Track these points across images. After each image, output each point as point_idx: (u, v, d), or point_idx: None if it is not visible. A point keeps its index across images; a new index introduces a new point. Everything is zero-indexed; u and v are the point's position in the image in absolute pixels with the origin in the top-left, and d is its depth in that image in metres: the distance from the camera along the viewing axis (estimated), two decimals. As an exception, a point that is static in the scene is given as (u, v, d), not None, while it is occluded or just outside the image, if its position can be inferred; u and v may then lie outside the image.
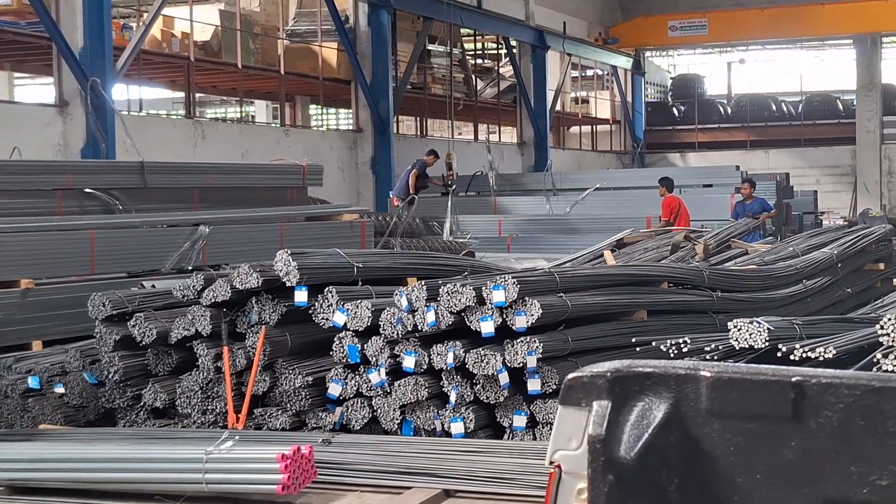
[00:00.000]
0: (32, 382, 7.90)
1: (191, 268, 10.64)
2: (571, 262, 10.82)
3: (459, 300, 6.87)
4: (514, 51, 31.52)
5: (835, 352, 6.05)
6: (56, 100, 17.37)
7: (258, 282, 7.33)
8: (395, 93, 24.94)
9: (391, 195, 22.02)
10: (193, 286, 7.66)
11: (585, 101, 38.83)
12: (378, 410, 7.02)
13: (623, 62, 38.42)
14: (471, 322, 6.91)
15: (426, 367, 6.94)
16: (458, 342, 6.85)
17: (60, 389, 7.85)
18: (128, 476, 5.94)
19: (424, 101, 27.87)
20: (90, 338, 8.09)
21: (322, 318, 7.29)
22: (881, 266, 12.38)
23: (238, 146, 21.16)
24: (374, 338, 7.09)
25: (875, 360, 6.04)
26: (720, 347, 6.39)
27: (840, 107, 39.25)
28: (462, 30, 29.96)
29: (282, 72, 23.23)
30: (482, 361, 6.75)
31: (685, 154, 39.47)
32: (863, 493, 1.75)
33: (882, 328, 6.15)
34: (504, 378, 6.77)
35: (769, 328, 6.23)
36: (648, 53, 41.27)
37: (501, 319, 6.87)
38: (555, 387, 6.83)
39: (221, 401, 7.32)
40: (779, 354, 6.11)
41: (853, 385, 1.68)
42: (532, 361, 6.75)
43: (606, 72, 39.27)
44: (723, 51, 43.88)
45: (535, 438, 6.85)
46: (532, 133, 31.84)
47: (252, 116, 32.18)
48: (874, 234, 12.27)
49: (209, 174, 12.47)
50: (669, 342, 6.49)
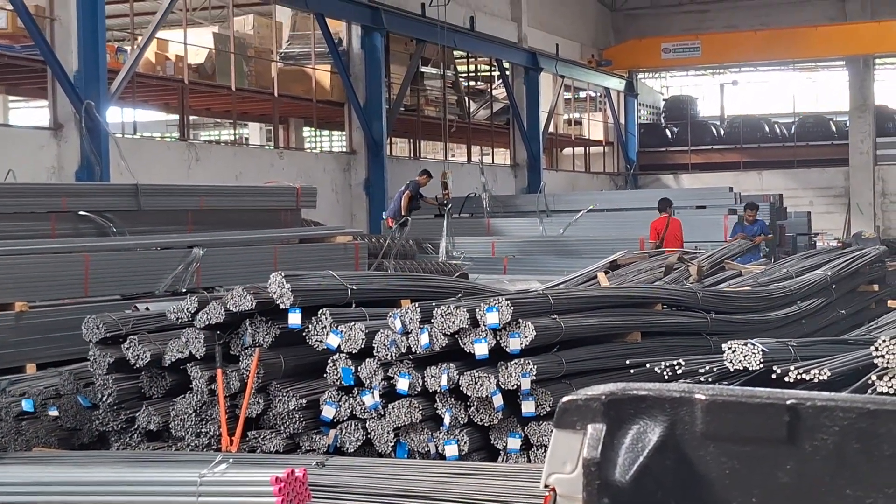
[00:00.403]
0: (26, 405, 7.88)
1: (185, 290, 10.64)
2: (565, 284, 10.83)
3: (453, 322, 6.87)
4: (507, 73, 31.59)
5: (829, 374, 6.04)
6: (50, 123, 17.38)
7: (252, 304, 7.32)
8: (389, 115, 24.98)
9: (384, 216, 22.02)
10: (187, 309, 7.66)
11: (578, 123, 38.89)
12: (372, 433, 7.01)
13: (616, 84, 38.51)
14: (465, 344, 6.91)
15: (420, 390, 6.93)
16: (452, 364, 6.85)
17: (54, 412, 7.83)
18: (122, 500, 5.92)
19: (418, 123, 27.91)
20: (84, 360, 8.08)
21: (316, 341, 7.28)
22: (875, 287, 12.39)
23: (232, 168, 21.17)
24: (368, 360, 7.08)
25: (870, 382, 6.02)
26: (714, 369, 6.39)
27: (833, 128, 39.32)
28: (455, 52, 30.02)
29: (275, 94, 23.26)
30: (476, 383, 6.74)
31: (678, 175, 39.52)
32: (858, 516, 1.75)
33: (877, 350, 6.14)
34: (498, 400, 6.76)
35: (763, 350, 6.23)
36: (641, 75, 41.37)
37: (495, 341, 6.86)
38: (549, 409, 6.83)
39: (215, 423, 7.30)
40: (773, 376, 6.10)
41: (848, 408, 1.68)
42: (526, 383, 6.75)
43: (599, 93, 39.35)
44: (715, 72, 43.98)
45: (530, 461, 6.83)
46: (525, 154, 31.89)
47: (246, 139, 32.19)
48: (868, 256, 12.28)
49: (203, 196, 12.46)
50: (664, 364, 6.49)
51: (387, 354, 7.03)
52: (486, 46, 30.28)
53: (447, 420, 6.85)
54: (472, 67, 34.46)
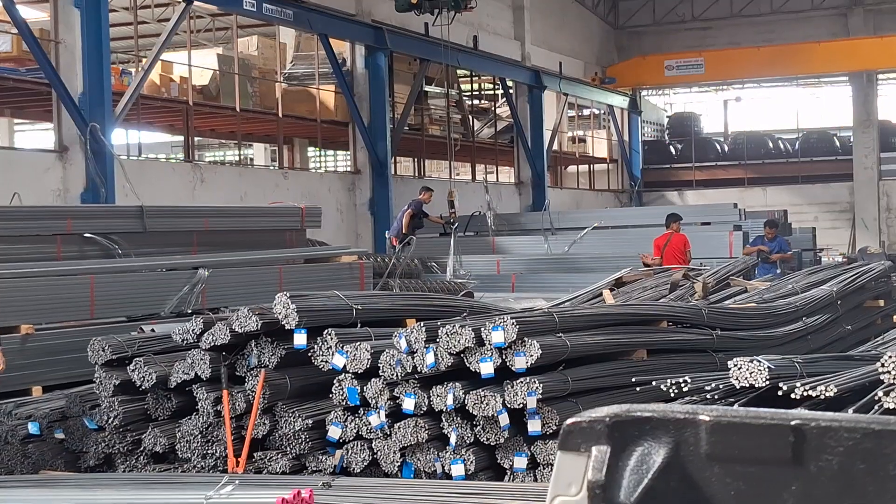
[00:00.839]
0: (32, 428, 7.89)
1: (190, 311, 10.64)
2: (570, 302, 10.82)
3: (458, 341, 6.86)
4: (511, 91, 31.64)
5: (836, 390, 6.03)
6: (56, 145, 17.42)
7: (257, 325, 7.32)
8: (393, 134, 25.02)
9: (388, 235, 22.03)
10: (193, 330, 7.66)
11: (582, 141, 38.91)
12: (378, 453, 7.01)
13: (619, 101, 38.55)
14: (470, 363, 6.90)
15: (426, 409, 6.93)
16: (458, 383, 6.84)
17: (60, 435, 7.83)
18: (128, 522, 5.92)
19: (422, 142, 27.95)
20: (90, 383, 8.08)
21: (321, 361, 7.28)
22: (881, 303, 12.37)
23: (237, 189, 21.20)
24: (374, 380, 7.08)
25: (876, 398, 6.01)
26: (721, 386, 6.38)
27: (837, 143, 39.30)
28: (459, 71, 30.07)
29: (280, 115, 23.30)
30: (482, 403, 6.73)
31: (683, 192, 39.50)
32: (865, 537, 1.75)
33: (883, 366, 6.13)
34: (504, 419, 6.75)
35: (769, 367, 6.22)
36: (645, 92, 41.40)
37: (501, 360, 6.86)
38: (555, 427, 6.82)
39: (221, 444, 7.30)
40: (779, 393, 6.09)
41: (852, 428, 1.68)
42: (532, 402, 6.74)
43: (603, 111, 39.38)
44: (719, 89, 44.00)
45: (536, 480, 6.82)
46: (530, 173, 31.90)
47: (251, 159, 32.25)
48: (873, 271, 12.27)
49: (208, 217, 12.49)
50: (670, 381, 6.48)
51: (392, 374, 7.03)
52: (490, 65, 30.33)
53: (453, 439, 6.84)
54: (476, 86, 34.50)
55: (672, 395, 6.50)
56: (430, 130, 28.62)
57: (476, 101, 33.90)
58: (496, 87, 33.60)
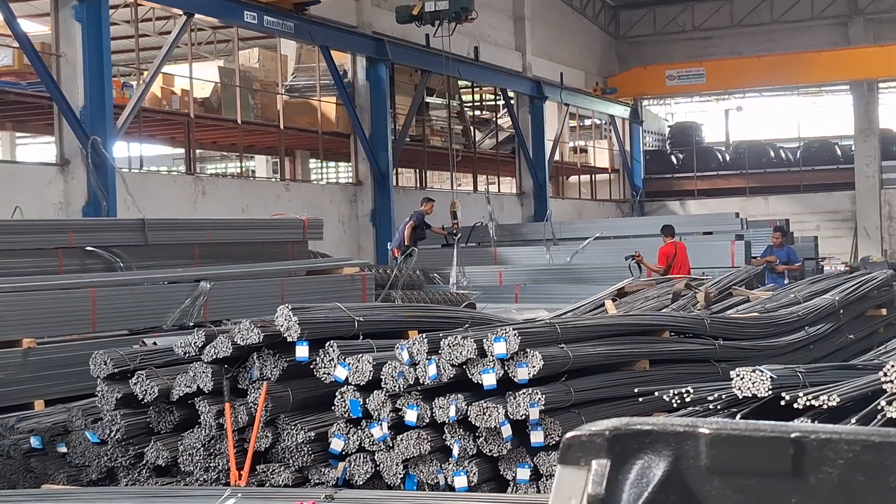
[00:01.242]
0: (35, 442, 7.88)
1: (192, 324, 10.64)
2: (573, 313, 10.81)
3: (461, 353, 6.86)
4: (512, 102, 31.67)
5: (838, 399, 6.02)
6: (57, 158, 17.45)
7: (259, 337, 7.32)
8: (395, 145, 25.04)
9: (390, 247, 22.04)
10: (195, 343, 7.65)
11: (584, 151, 38.96)
12: (381, 465, 7.00)
13: (621, 111, 38.60)
14: (472, 374, 6.89)
15: (428, 421, 6.92)
16: (460, 395, 6.84)
17: (63, 449, 7.82)
18: (130, 536, 5.91)
19: (423, 154, 27.97)
20: (92, 396, 8.07)
21: (323, 373, 7.27)
22: (883, 312, 12.36)
23: (238, 201, 21.22)
24: (376, 392, 7.07)
25: (879, 408, 6.01)
26: (723, 396, 6.37)
27: (838, 152, 39.33)
28: (460, 82, 30.11)
29: (281, 127, 23.34)
30: (484, 414, 6.73)
31: (684, 202, 39.53)
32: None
33: (886, 375, 6.13)
34: (507, 430, 6.74)
35: (772, 376, 6.21)
36: (646, 102, 41.45)
37: (503, 371, 6.85)
38: (558, 439, 6.80)
39: (224, 458, 7.29)
40: (782, 403, 6.08)
41: (853, 440, 1.67)
42: (534, 413, 6.73)
43: (604, 121, 39.42)
44: (720, 98, 44.06)
45: (539, 491, 6.80)
46: (531, 183, 31.92)
47: (252, 171, 32.29)
48: (876, 280, 12.25)
49: (210, 230, 12.49)
50: (672, 392, 6.47)
51: (395, 386, 7.02)
52: (491, 76, 30.38)
53: (456, 451, 6.83)
54: (477, 97, 34.56)
55: (675, 406, 6.49)
56: (432, 141, 28.65)
57: (477, 112, 33.95)
58: (497, 98, 33.65)
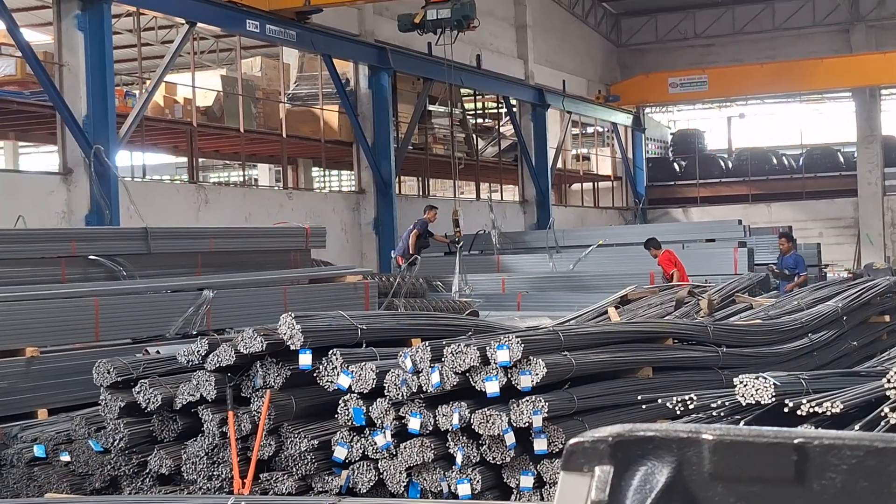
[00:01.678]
0: (38, 451, 7.89)
1: (195, 333, 10.64)
2: (576, 320, 10.81)
3: (464, 360, 6.86)
4: (515, 109, 31.68)
5: (842, 406, 6.02)
6: (60, 168, 17.46)
7: (262, 346, 7.32)
8: (397, 153, 25.05)
9: (393, 255, 22.04)
10: (198, 351, 7.66)
11: (586, 158, 38.95)
12: (384, 473, 7.00)
13: (623, 119, 38.61)
14: (475, 382, 6.90)
15: (432, 429, 6.92)
16: (464, 403, 6.84)
17: (66, 458, 7.83)
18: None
19: (426, 161, 27.98)
20: (95, 405, 8.08)
21: (327, 381, 7.28)
22: (887, 318, 12.34)
23: (241, 210, 21.23)
24: (379, 400, 7.07)
25: (882, 414, 6.00)
26: (727, 403, 6.37)
27: (841, 159, 39.31)
28: (462, 90, 30.12)
29: (284, 135, 23.34)
30: (488, 422, 6.73)
31: (687, 209, 39.52)
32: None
33: (889, 381, 6.13)
34: (510, 438, 6.74)
35: (775, 383, 6.22)
36: (648, 109, 41.47)
37: (506, 379, 6.85)
38: (561, 446, 6.80)
39: (227, 466, 7.29)
40: (786, 410, 6.08)
41: (855, 446, 1.67)
42: (538, 421, 6.73)
43: (607, 129, 39.44)
44: (722, 106, 44.07)
45: (543, 499, 6.80)
46: (534, 191, 31.93)
47: (255, 180, 32.30)
48: (879, 286, 12.24)
49: (213, 238, 12.49)
50: (675, 399, 6.47)
51: (398, 394, 7.02)
52: (493, 84, 30.39)
53: (459, 459, 6.83)
54: (480, 105, 34.58)
55: (678, 413, 6.49)
56: (434, 149, 28.66)
57: (480, 120, 33.96)
58: (500, 106, 33.65)
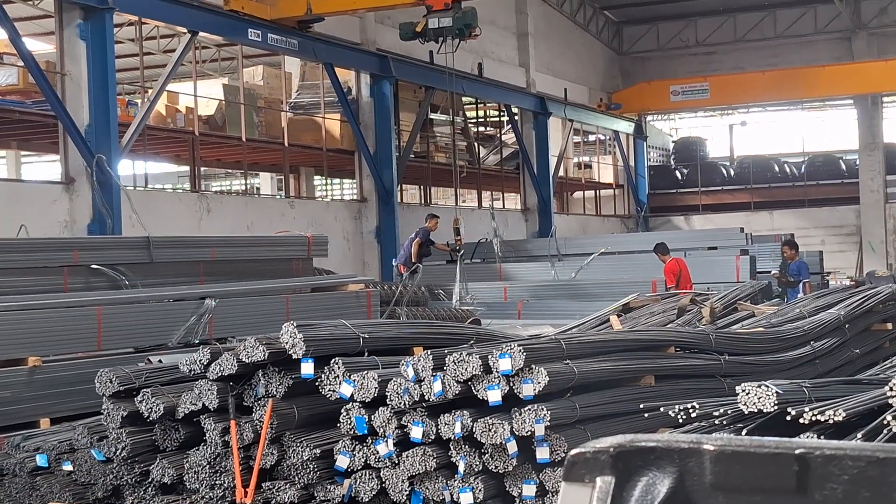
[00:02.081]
0: (40, 460, 7.89)
1: (197, 341, 10.65)
2: (578, 328, 10.81)
3: (466, 369, 6.86)
4: (516, 118, 31.69)
5: (844, 414, 6.02)
6: (62, 177, 17.47)
7: (264, 355, 7.33)
8: (399, 162, 25.05)
9: (395, 263, 22.03)
10: (200, 360, 7.66)
11: (588, 166, 38.95)
12: (387, 482, 7.00)
13: (625, 127, 38.61)
14: (478, 391, 6.90)
15: (434, 437, 6.92)
16: (466, 411, 6.84)
17: (68, 467, 7.83)
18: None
19: (428, 170, 27.98)
20: (98, 414, 8.09)
21: (329, 390, 7.28)
22: (889, 326, 12.32)
23: (243, 218, 21.23)
24: (382, 408, 7.07)
25: (885, 423, 6.00)
26: (729, 412, 6.37)
27: (843, 167, 39.29)
28: (464, 98, 30.14)
29: (286, 144, 23.35)
30: (490, 430, 6.73)
31: (689, 217, 39.51)
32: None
33: (891, 389, 6.12)
34: (512, 447, 6.74)
35: (778, 391, 6.21)
36: (650, 117, 41.47)
37: (508, 388, 6.85)
38: (564, 455, 6.80)
39: (230, 475, 7.29)
40: (788, 418, 6.08)
41: (857, 456, 1.67)
42: (540, 429, 6.73)
43: (608, 137, 39.44)
44: (724, 113, 44.07)
45: (545, 507, 6.80)
46: (535, 199, 31.92)
47: (257, 189, 32.32)
48: (881, 294, 12.23)
49: (215, 247, 12.50)
50: (678, 408, 6.47)
51: (400, 403, 7.02)
52: (495, 92, 30.40)
53: (462, 467, 6.83)
54: (482, 113, 34.59)
55: (680, 421, 6.49)
56: (436, 158, 28.67)
57: (481, 128, 33.98)
58: (501, 114, 33.66)
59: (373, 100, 24.57)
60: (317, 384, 7.32)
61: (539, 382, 6.82)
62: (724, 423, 6.36)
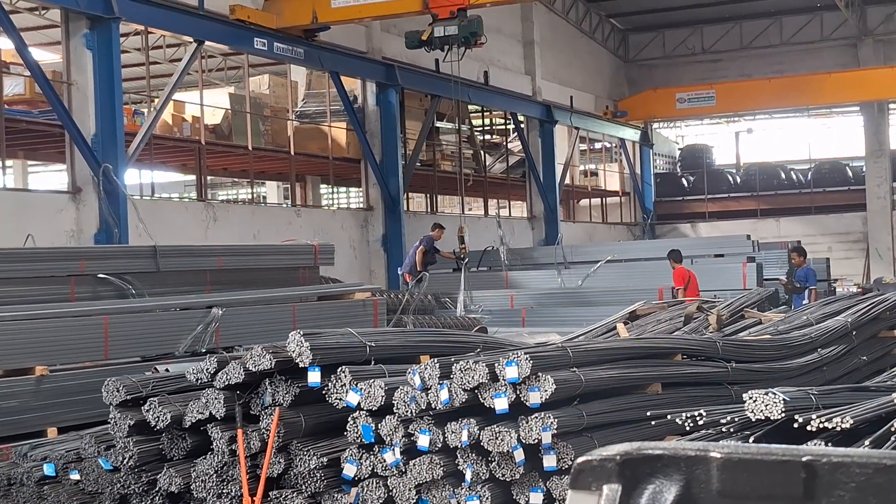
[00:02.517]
0: (48, 469, 7.90)
1: (204, 350, 10.65)
2: (584, 336, 10.80)
3: (472, 377, 6.86)
4: (522, 126, 31.70)
5: (852, 422, 6.01)
6: (69, 186, 17.50)
7: (271, 363, 7.33)
8: (405, 170, 25.07)
9: (399, 272, 22.04)
10: (207, 369, 7.67)
11: (594, 174, 38.95)
12: (394, 490, 6.99)
13: (631, 134, 38.61)
14: (484, 399, 6.90)
15: (441, 446, 6.92)
16: (473, 419, 6.83)
17: (76, 476, 7.83)
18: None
19: (434, 178, 27.99)
20: (105, 423, 8.09)
21: (336, 399, 7.28)
22: (896, 333, 12.31)
23: (250, 227, 21.25)
24: (388, 417, 7.07)
25: (893, 430, 5.99)
26: (736, 419, 6.36)
27: (849, 174, 39.27)
28: (470, 106, 30.15)
29: (292, 153, 23.38)
30: (497, 438, 6.72)
31: (696, 224, 39.49)
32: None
33: (898, 397, 6.12)
34: (519, 455, 6.74)
35: (785, 399, 6.20)
36: (656, 125, 41.46)
37: (515, 395, 6.85)
38: (571, 463, 6.79)
39: (237, 484, 7.29)
40: (795, 425, 6.07)
41: (864, 464, 1.67)
42: (547, 437, 6.72)
43: (615, 144, 39.44)
44: (730, 121, 44.06)
45: (553, 516, 6.79)
46: (542, 207, 31.93)
47: (263, 197, 32.34)
48: (888, 301, 12.20)
49: (221, 256, 12.51)
50: (685, 415, 6.46)
51: (407, 411, 7.02)
52: (501, 100, 30.43)
53: (469, 476, 6.83)
54: (487, 121, 34.61)
55: (688, 429, 6.48)
56: (442, 166, 28.69)
57: (487, 136, 33.98)
58: (507, 122, 33.68)
59: (379, 108, 24.60)
60: (323, 393, 7.32)
61: (546, 390, 6.82)
62: (732, 431, 6.35)
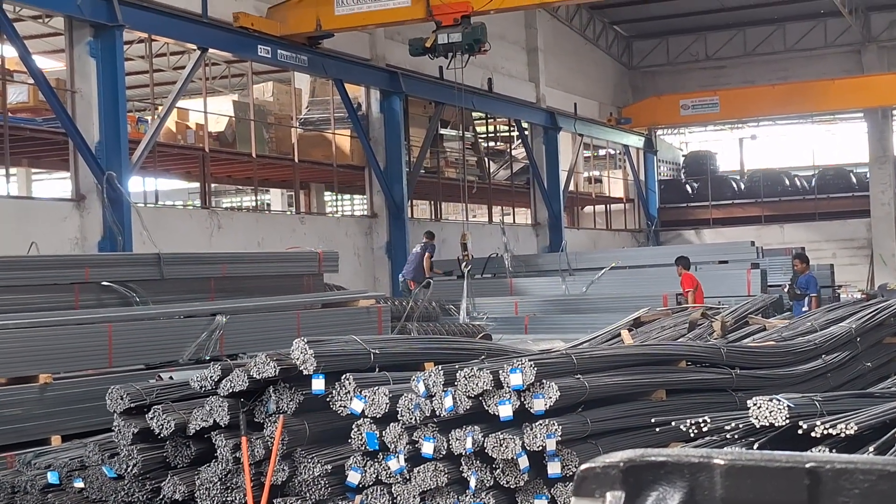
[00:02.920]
0: (52, 478, 7.89)
1: (208, 358, 10.65)
2: (589, 343, 10.79)
3: (477, 384, 6.85)
4: (526, 132, 31.71)
5: (856, 428, 6.00)
6: (73, 194, 17.52)
7: (275, 371, 7.33)
8: (409, 177, 25.07)
9: (402, 278, 22.04)
10: (211, 377, 7.67)
11: (598, 181, 38.95)
12: (398, 498, 6.99)
13: (635, 141, 38.61)
14: (489, 406, 6.89)
15: (445, 453, 6.91)
16: (477, 426, 6.83)
17: (80, 484, 7.83)
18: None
19: (438, 185, 28.00)
20: (109, 431, 8.08)
21: (340, 406, 7.27)
22: (900, 339, 12.29)
23: (254, 235, 21.26)
24: (393, 424, 7.07)
25: (897, 436, 5.99)
26: (741, 426, 6.35)
27: (853, 180, 39.25)
28: (474, 113, 30.16)
29: (296, 160, 23.39)
30: (501, 445, 6.72)
31: (700, 231, 39.49)
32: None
33: (903, 403, 6.11)
34: (524, 462, 6.73)
35: (789, 405, 6.20)
36: (660, 131, 41.48)
37: (519, 402, 6.84)
38: (575, 469, 6.78)
39: (241, 492, 7.29)
40: (800, 432, 6.06)
41: (868, 470, 1.67)
42: (551, 444, 6.72)
43: (619, 151, 39.45)
44: (734, 127, 44.06)
45: (557, 523, 6.78)
46: (546, 214, 31.92)
47: (267, 205, 32.35)
48: (893, 307, 12.19)
49: (225, 264, 12.50)
50: (689, 422, 6.45)
51: (411, 418, 7.01)
52: (505, 107, 30.44)
53: (473, 483, 6.82)
54: (491, 128, 34.61)
55: (692, 435, 6.47)
56: (446, 173, 28.70)
57: (492, 143, 33.99)
58: (511, 129, 33.68)
59: (383, 115, 24.63)
60: (328, 400, 7.32)
61: (550, 397, 6.81)
62: (736, 438, 6.35)
